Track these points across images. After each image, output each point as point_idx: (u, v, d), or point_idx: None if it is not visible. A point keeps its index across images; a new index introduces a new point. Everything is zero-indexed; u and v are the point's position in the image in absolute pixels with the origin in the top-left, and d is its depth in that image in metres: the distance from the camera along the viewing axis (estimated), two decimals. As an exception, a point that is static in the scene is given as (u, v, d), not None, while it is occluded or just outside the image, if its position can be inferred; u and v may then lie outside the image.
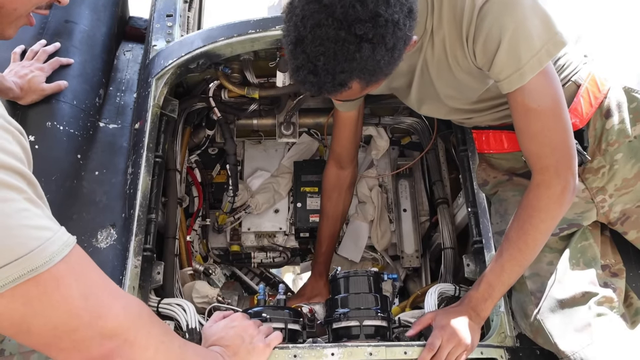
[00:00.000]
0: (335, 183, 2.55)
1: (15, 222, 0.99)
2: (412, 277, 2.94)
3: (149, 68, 2.43)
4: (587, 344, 1.72)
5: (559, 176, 1.74)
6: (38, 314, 1.05)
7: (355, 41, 1.44)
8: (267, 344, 1.74)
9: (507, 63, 1.66)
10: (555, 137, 1.74)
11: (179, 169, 2.58)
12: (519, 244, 1.80)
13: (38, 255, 1.01)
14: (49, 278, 1.03)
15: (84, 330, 1.10)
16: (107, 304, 1.16)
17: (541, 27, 1.64)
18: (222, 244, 2.92)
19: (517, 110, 1.76)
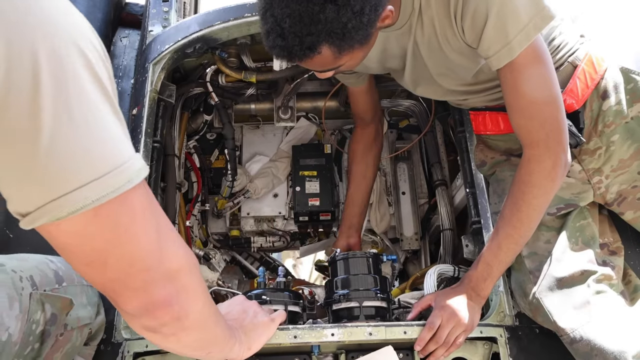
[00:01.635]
0: (358, 140, 2.57)
1: (106, 132, 0.95)
2: (411, 260, 2.96)
3: (146, 53, 2.43)
4: (586, 321, 1.73)
5: (549, 150, 1.73)
6: (121, 243, 1.00)
7: (319, 2, 1.46)
8: (272, 319, 1.75)
9: (495, 38, 1.66)
10: (545, 112, 1.73)
11: (177, 154, 2.58)
12: (513, 221, 1.80)
13: (132, 167, 0.97)
14: (136, 202, 0.99)
15: (155, 270, 1.07)
16: (174, 244, 1.12)
17: (528, 2, 1.63)
18: (222, 229, 2.93)
19: (506, 85, 1.75)
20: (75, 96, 0.89)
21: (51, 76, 0.86)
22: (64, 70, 0.88)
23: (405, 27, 1.85)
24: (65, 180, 0.90)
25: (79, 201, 0.91)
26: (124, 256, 1.01)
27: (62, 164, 0.89)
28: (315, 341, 1.79)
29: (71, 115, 0.89)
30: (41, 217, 0.92)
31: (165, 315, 1.12)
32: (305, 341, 1.79)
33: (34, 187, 0.90)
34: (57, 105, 0.87)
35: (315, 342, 1.80)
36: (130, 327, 1.20)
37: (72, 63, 0.89)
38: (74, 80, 0.89)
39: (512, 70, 1.70)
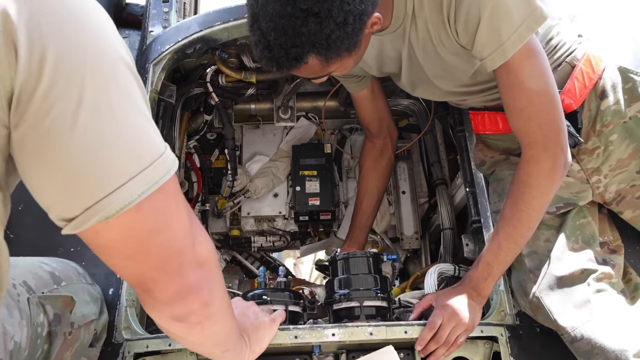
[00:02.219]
0: (366, 154, 2.56)
1: (150, 125, 0.98)
2: (412, 259, 2.96)
3: (146, 54, 2.43)
4: (586, 320, 1.73)
5: (547, 151, 1.74)
6: (162, 230, 1.03)
7: (301, 15, 1.48)
8: (273, 319, 1.75)
9: (489, 40, 1.67)
10: (542, 112, 1.74)
11: (177, 155, 2.58)
12: (513, 221, 1.80)
13: (168, 159, 0.99)
14: (172, 191, 1.02)
15: (189, 254, 1.10)
16: (201, 231, 1.16)
17: (521, 3, 1.63)
18: (222, 229, 2.93)
19: (503, 86, 1.76)
20: (117, 95, 0.92)
21: (94, 84, 0.89)
22: (106, 74, 0.91)
23: (399, 30, 1.86)
24: (111, 177, 0.92)
25: (127, 197, 0.93)
26: (164, 242, 1.04)
27: (106, 162, 0.91)
28: (316, 341, 1.79)
29: (112, 114, 0.91)
30: (90, 218, 0.92)
31: (195, 301, 1.14)
32: (306, 341, 1.79)
33: (79, 188, 0.91)
34: (98, 106, 0.89)
35: (316, 342, 1.80)
36: (157, 321, 1.21)
37: (114, 67, 0.93)
38: (116, 83, 0.92)
39: (508, 71, 1.71)
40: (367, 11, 1.58)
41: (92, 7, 0.95)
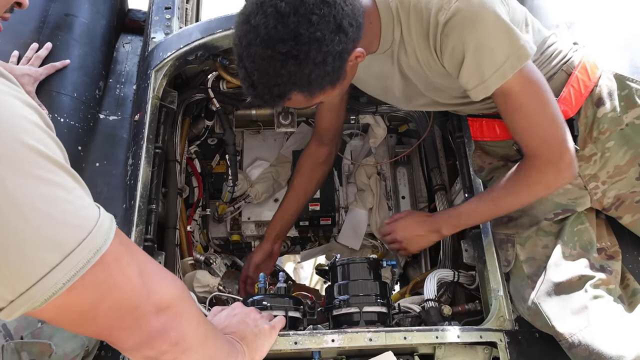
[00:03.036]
0: (311, 154, 2.58)
1: (71, 204, 0.95)
2: (411, 264, 2.96)
3: (148, 60, 2.45)
4: (584, 326, 1.74)
5: (552, 165, 1.81)
6: (105, 298, 1.01)
7: (281, 58, 1.55)
8: (272, 326, 1.76)
9: (472, 76, 1.73)
10: (543, 131, 1.79)
11: (178, 160, 2.60)
12: (496, 200, 1.98)
13: (98, 234, 0.97)
14: (110, 259, 0.99)
15: (144, 306, 1.09)
16: (159, 278, 1.15)
17: (504, 41, 1.68)
18: (223, 234, 2.94)
19: (501, 110, 1.84)
20: (20, 189, 0.88)
21: None
22: (2, 170, 0.86)
23: (387, 52, 1.91)
24: (30, 270, 0.90)
25: (49, 287, 0.91)
26: (111, 307, 1.03)
27: (20, 257, 0.88)
28: (315, 347, 1.81)
29: (18, 208, 0.87)
30: (16, 310, 0.92)
31: (162, 344, 1.15)
32: (306, 347, 1.80)
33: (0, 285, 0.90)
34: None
35: (315, 348, 1.81)
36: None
37: (6, 156, 0.87)
38: (14, 174, 0.88)
39: (504, 96, 1.76)
40: (347, 49, 1.64)
41: None
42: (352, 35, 1.64)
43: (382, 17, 1.81)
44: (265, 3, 1.56)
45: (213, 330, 1.41)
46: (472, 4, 1.67)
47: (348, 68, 1.71)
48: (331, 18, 1.56)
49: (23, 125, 0.91)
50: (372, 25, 1.80)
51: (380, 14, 1.81)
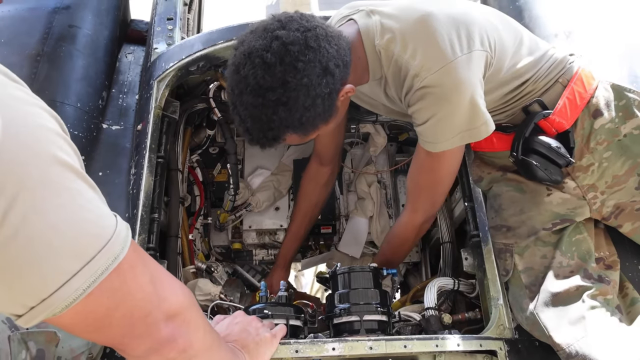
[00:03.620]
0: (313, 176, 2.63)
1: (91, 212, 0.96)
2: (412, 272, 2.98)
3: (151, 70, 2.47)
4: (581, 336, 1.75)
5: (424, 216, 2.20)
6: (120, 304, 1.03)
7: (271, 105, 1.65)
8: (274, 334, 1.77)
9: (427, 134, 1.89)
10: (434, 194, 2.12)
11: (180, 169, 2.62)
12: (391, 259, 2.40)
13: (115, 242, 0.98)
14: (126, 266, 1.01)
15: (155, 313, 1.11)
16: (169, 285, 1.17)
17: (465, 118, 1.80)
18: (224, 242, 2.96)
19: (418, 159, 2.05)
20: (47, 199, 0.90)
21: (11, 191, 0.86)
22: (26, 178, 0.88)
23: (376, 81, 1.99)
24: (52, 277, 0.92)
25: (70, 294, 0.93)
26: (125, 313, 1.05)
27: (44, 264, 0.90)
28: (316, 355, 1.82)
29: (43, 218, 0.89)
30: (37, 316, 0.94)
31: (171, 351, 1.17)
32: (307, 355, 1.81)
33: (21, 291, 0.92)
34: (24, 215, 0.87)
35: (316, 356, 1.82)
36: None
37: (35, 167, 0.89)
38: (42, 185, 0.90)
39: (431, 157, 1.96)
40: (335, 89, 1.73)
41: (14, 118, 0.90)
42: (339, 75, 1.73)
43: (368, 54, 1.89)
44: (252, 54, 1.64)
45: (217, 339, 1.43)
46: (446, 83, 1.76)
47: (339, 103, 1.80)
48: (317, 62, 1.65)
49: (46, 136, 0.93)
50: (360, 60, 1.88)
51: (365, 49, 1.88)
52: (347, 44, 1.80)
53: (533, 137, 1.95)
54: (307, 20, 1.72)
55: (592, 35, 2.52)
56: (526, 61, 1.94)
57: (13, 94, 0.93)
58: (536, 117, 1.95)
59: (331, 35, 1.73)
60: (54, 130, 0.95)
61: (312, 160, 2.63)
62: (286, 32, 1.65)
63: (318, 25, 1.72)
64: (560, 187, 2.01)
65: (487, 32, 1.86)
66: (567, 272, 1.89)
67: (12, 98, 0.92)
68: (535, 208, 2.00)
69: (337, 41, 1.74)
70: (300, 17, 1.73)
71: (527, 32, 2.05)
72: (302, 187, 2.66)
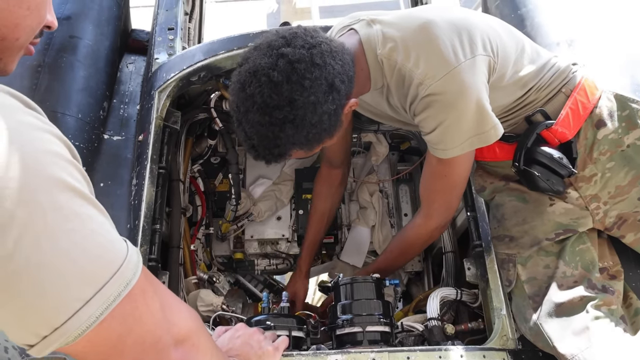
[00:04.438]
0: (326, 178, 2.61)
1: (102, 237, 0.95)
2: (414, 281, 2.97)
3: (152, 81, 2.47)
4: (585, 347, 1.74)
5: (439, 220, 2.12)
6: (132, 330, 1.02)
7: (279, 123, 1.64)
8: (276, 347, 1.76)
9: (436, 141, 1.86)
10: (449, 199, 2.06)
11: (182, 179, 2.61)
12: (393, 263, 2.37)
13: (127, 268, 0.97)
14: (138, 291, 1.00)
15: (165, 339, 1.10)
16: (177, 310, 1.17)
17: (473, 123, 1.79)
18: (226, 252, 2.95)
19: (429, 166, 2.02)
20: (58, 224, 0.89)
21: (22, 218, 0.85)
22: (36, 205, 0.87)
23: (378, 90, 1.97)
24: (64, 305, 0.90)
25: (83, 321, 0.92)
26: (136, 340, 1.04)
27: (56, 291, 0.89)
28: (318, 366, 1.81)
29: (55, 244, 0.88)
30: (50, 345, 0.92)
31: None
32: (309, 367, 1.81)
33: (33, 319, 0.90)
34: (36, 242, 0.86)
35: (318, 367, 1.81)
36: None
37: (44, 194, 0.89)
38: (53, 211, 0.89)
39: (442, 163, 1.92)
40: (341, 104, 1.73)
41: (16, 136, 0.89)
42: (345, 90, 1.72)
43: (370, 64, 1.88)
44: (258, 72, 1.63)
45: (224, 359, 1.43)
46: (451, 89, 1.75)
47: (343, 117, 1.80)
48: (323, 80, 1.64)
49: (55, 161, 0.92)
50: (363, 71, 1.88)
51: (367, 59, 1.88)
52: (351, 57, 1.80)
53: (535, 147, 1.95)
54: (311, 36, 1.71)
55: (594, 44, 2.51)
56: (528, 69, 1.94)
57: (22, 120, 0.92)
58: (539, 127, 1.95)
59: (335, 50, 1.72)
60: (63, 157, 0.95)
61: (322, 165, 2.63)
62: (292, 49, 1.64)
63: (322, 41, 1.71)
64: (563, 197, 2.00)
65: (489, 36, 1.86)
66: (570, 282, 1.89)
67: (21, 124, 0.91)
68: (538, 218, 2.00)
69: (342, 56, 1.73)
70: (304, 32, 1.72)
71: (528, 40, 2.04)
72: (316, 191, 2.65)
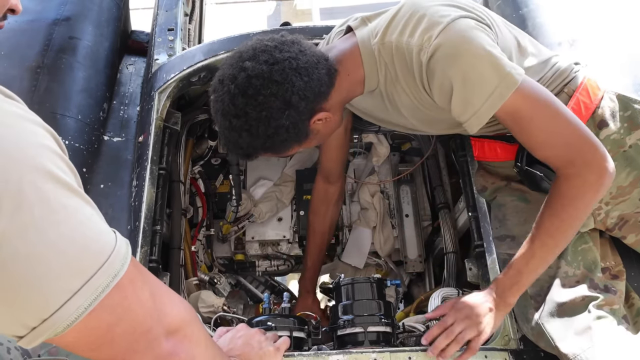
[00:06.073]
0: (323, 197, 2.60)
1: (90, 229, 0.95)
2: (416, 282, 2.96)
3: (152, 82, 2.47)
4: (587, 347, 1.73)
5: (590, 165, 1.71)
6: (121, 320, 1.02)
7: (237, 130, 1.74)
8: (277, 347, 1.76)
9: (464, 110, 1.74)
10: (564, 136, 1.73)
11: (182, 180, 2.61)
12: (551, 230, 1.77)
13: (115, 259, 0.97)
14: (127, 282, 1.00)
15: (156, 329, 1.10)
16: (169, 300, 1.17)
17: (491, 71, 1.68)
18: (227, 253, 2.95)
19: (513, 130, 1.80)
20: (45, 215, 0.89)
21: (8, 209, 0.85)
22: (22, 196, 0.86)
23: (376, 92, 1.96)
24: (53, 297, 0.90)
25: (72, 312, 0.92)
26: (126, 329, 1.03)
27: (43, 283, 0.89)
28: (320, 367, 1.81)
29: (42, 235, 0.88)
30: (39, 337, 0.92)
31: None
32: (310, 367, 1.80)
33: (22, 312, 0.90)
34: (23, 233, 0.86)
35: (320, 367, 1.81)
36: None
37: (30, 184, 0.88)
38: (40, 202, 0.88)
39: (511, 117, 1.74)
40: (300, 119, 1.76)
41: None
42: (306, 106, 1.74)
43: (364, 62, 1.87)
44: (223, 82, 1.74)
45: (220, 353, 1.42)
46: (451, 38, 1.70)
47: (317, 127, 1.83)
48: (279, 96, 1.68)
49: (40, 152, 0.92)
50: (350, 76, 1.88)
51: (362, 58, 1.87)
52: (329, 69, 1.81)
53: None
54: (281, 50, 1.73)
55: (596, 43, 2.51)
56: (530, 67, 1.93)
57: (7, 110, 0.92)
58: None
59: (303, 67, 1.72)
60: (49, 147, 0.94)
61: (318, 180, 2.60)
62: (253, 64, 1.69)
63: (290, 57, 1.71)
64: None
65: (484, 14, 1.85)
66: (572, 282, 1.88)
67: (4, 114, 0.90)
68: None
69: (312, 72, 1.73)
70: (275, 46, 1.74)
71: (530, 38, 2.04)
72: (313, 209, 2.64)
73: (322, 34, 2.39)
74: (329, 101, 1.82)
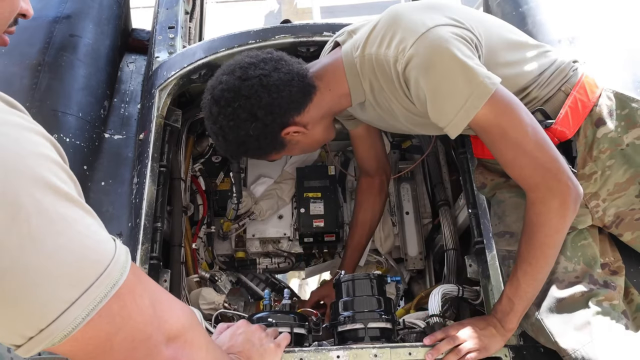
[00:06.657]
0: (365, 189, 2.61)
1: (89, 238, 0.95)
2: (416, 279, 2.97)
3: (152, 79, 2.47)
4: (587, 342, 1.74)
5: (552, 191, 1.71)
6: (120, 329, 1.01)
7: (215, 133, 1.94)
8: (278, 344, 1.76)
9: (439, 118, 1.77)
10: (533, 157, 1.71)
11: (183, 178, 2.61)
12: (528, 259, 1.78)
13: (114, 268, 0.97)
14: (125, 291, 1.00)
15: (156, 336, 1.10)
16: (169, 307, 1.16)
17: (463, 80, 1.68)
18: (228, 251, 2.95)
19: (486, 142, 1.82)
20: (41, 226, 0.88)
21: (6, 219, 0.85)
22: (20, 206, 0.86)
23: (367, 103, 2.01)
24: (50, 307, 0.90)
25: (69, 323, 0.91)
26: (126, 337, 1.03)
27: (41, 293, 0.89)
28: (320, 363, 1.81)
29: (40, 246, 0.88)
30: (36, 346, 0.92)
31: None
32: (311, 363, 1.80)
33: (19, 322, 0.90)
34: (20, 243, 0.86)
35: (320, 363, 1.81)
36: None
37: (28, 195, 0.87)
38: (37, 212, 0.88)
39: (483, 130, 1.75)
40: (270, 131, 1.91)
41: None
42: (274, 120, 1.88)
43: (347, 75, 1.94)
44: (208, 89, 1.94)
45: (222, 355, 1.42)
46: (423, 49, 1.72)
47: (294, 138, 1.97)
48: (246, 109, 1.84)
49: (40, 162, 0.92)
50: (332, 91, 1.96)
51: (346, 71, 1.94)
52: (304, 86, 1.90)
53: None
54: (256, 67, 1.86)
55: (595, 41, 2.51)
56: (529, 67, 1.93)
57: (8, 120, 0.92)
58: None
59: (274, 84, 1.84)
60: (48, 157, 0.94)
61: (360, 177, 2.65)
62: (228, 77, 1.87)
63: (262, 74, 1.84)
64: None
65: (467, 16, 1.86)
66: (572, 277, 1.88)
67: (6, 124, 0.90)
68: None
69: (282, 89, 1.85)
70: (252, 63, 1.88)
71: (528, 37, 2.04)
72: (358, 201, 2.65)
73: (322, 32, 2.40)
74: (304, 115, 1.93)
